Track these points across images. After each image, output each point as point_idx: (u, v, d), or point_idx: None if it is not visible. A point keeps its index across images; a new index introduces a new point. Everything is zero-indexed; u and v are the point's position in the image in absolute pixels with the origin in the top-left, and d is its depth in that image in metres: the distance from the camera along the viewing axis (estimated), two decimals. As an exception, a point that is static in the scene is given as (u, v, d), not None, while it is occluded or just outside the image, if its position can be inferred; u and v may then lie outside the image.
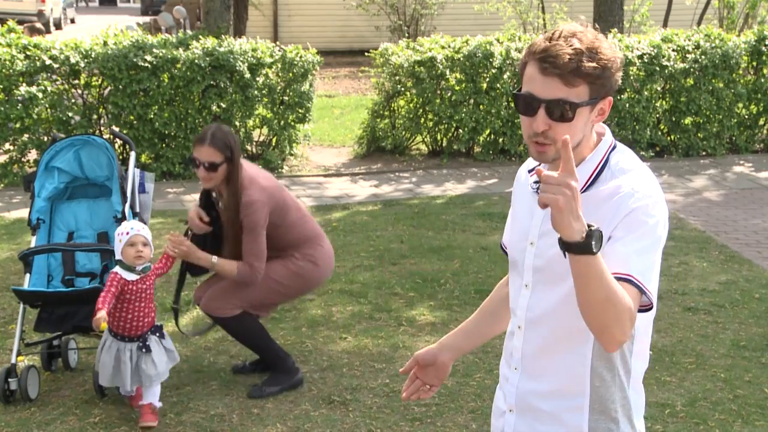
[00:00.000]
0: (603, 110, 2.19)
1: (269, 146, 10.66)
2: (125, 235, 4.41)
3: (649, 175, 2.22)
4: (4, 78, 9.34)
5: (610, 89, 2.15)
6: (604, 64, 2.11)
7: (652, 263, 2.12)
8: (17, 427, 4.49)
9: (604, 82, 2.13)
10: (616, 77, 2.15)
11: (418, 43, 11.38)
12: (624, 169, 2.20)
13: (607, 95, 2.16)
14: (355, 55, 20.86)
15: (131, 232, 4.41)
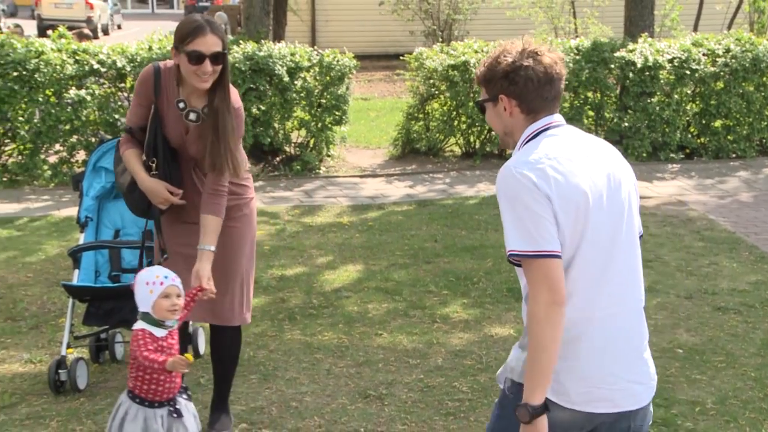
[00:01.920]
0: (505, 107, 2.73)
1: (307, 147, 10.83)
2: (158, 285, 3.64)
3: (521, 152, 2.68)
4: (55, 82, 9.61)
5: (501, 90, 2.71)
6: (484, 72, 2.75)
7: (510, 228, 2.59)
8: (67, 416, 4.63)
9: (492, 84, 2.73)
10: (501, 81, 2.69)
11: (452, 48, 11.49)
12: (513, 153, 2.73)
13: (501, 94, 2.71)
14: (390, 59, 20.98)
15: (166, 282, 3.66)
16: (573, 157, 2.64)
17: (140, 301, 3.67)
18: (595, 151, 2.74)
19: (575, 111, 11.30)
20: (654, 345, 5.57)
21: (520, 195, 2.56)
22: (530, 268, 2.57)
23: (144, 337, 3.62)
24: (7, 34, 10.26)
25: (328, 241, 7.83)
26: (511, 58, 2.70)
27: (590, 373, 2.65)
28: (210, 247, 3.98)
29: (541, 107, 2.72)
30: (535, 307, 2.55)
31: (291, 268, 7.04)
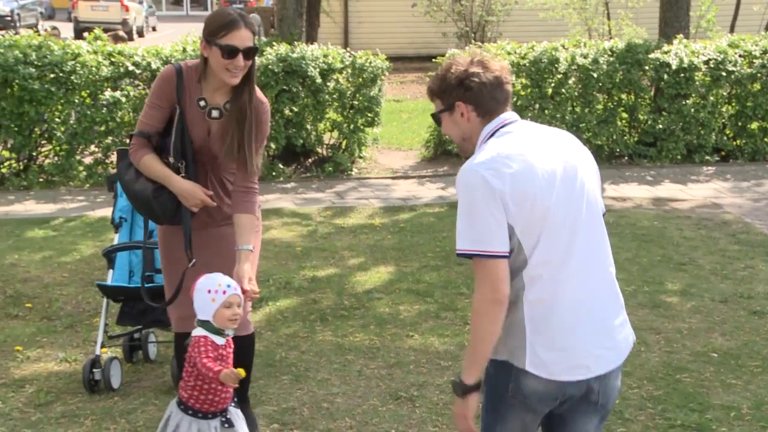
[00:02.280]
0: (462, 113, 2.91)
1: (339, 149, 10.85)
2: (221, 294, 3.53)
3: (477, 154, 2.85)
4: (91, 83, 9.72)
5: (457, 97, 2.89)
6: (438, 84, 2.95)
7: (460, 227, 2.78)
8: (101, 414, 4.67)
9: (447, 94, 2.92)
10: (457, 89, 2.89)
11: (485, 49, 11.46)
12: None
13: (457, 101, 2.90)
14: (422, 61, 20.97)
15: (228, 291, 3.55)
16: (525, 151, 2.82)
17: (200, 309, 3.55)
18: (549, 142, 2.92)
19: (609, 113, 11.23)
20: (688, 349, 5.55)
21: (473, 194, 2.76)
22: (476, 267, 2.79)
23: (206, 344, 3.51)
24: (45, 37, 10.38)
25: (359, 242, 7.84)
26: (462, 67, 2.92)
27: (565, 345, 2.83)
28: (248, 247, 3.87)
29: (495, 108, 2.92)
30: (477, 302, 2.80)
31: (322, 270, 7.06)
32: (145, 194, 3.96)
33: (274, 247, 7.51)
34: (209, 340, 3.51)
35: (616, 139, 11.29)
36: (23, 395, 4.90)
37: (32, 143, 9.80)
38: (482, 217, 2.74)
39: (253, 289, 3.74)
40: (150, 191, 3.95)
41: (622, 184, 10.30)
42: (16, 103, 9.43)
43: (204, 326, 3.54)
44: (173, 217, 3.99)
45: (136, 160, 3.97)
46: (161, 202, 3.95)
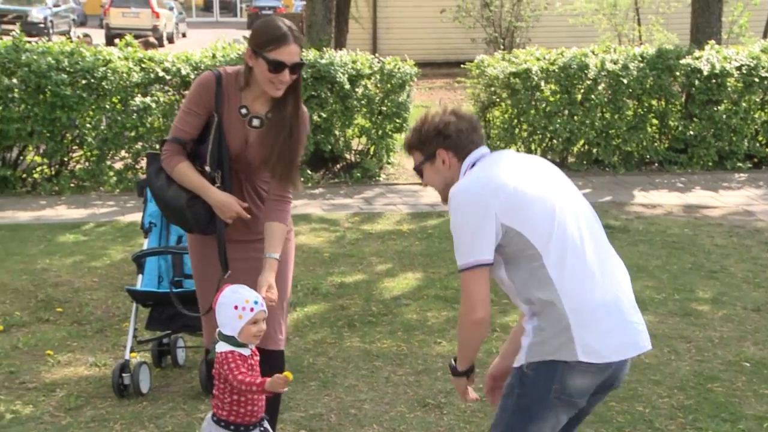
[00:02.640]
0: (444, 160, 3.18)
1: (367, 155, 10.86)
2: (249, 312, 3.44)
3: (450, 197, 3.08)
4: (122, 89, 9.79)
5: (438, 145, 3.17)
6: (417, 138, 3.23)
7: (457, 241, 3.02)
8: (130, 419, 4.69)
9: (427, 144, 3.19)
10: (436, 138, 3.16)
11: (514, 55, 11.45)
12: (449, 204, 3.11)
13: (438, 149, 3.17)
14: (451, 67, 20.96)
15: (256, 308, 3.46)
16: (508, 166, 3.09)
17: (225, 324, 3.45)
18: (527, 161, 3.20)
19: (639, 119, 11.16)
20: (719, 358, 5.49)
21: (463, 212, 3.01)
22: (461, 280, 3.05)
23: (235, 359, 3.41)
24: (77, 43, 10.48)
25: (387, 248, 7.84)
26: (437, 118, 3.19)
27: (610, 326, 3.02)
28: (276, 256, 3.80)
29: (472, 150, 3.17)
30: (461, 317, 3.10)
31: (350, 276, 7.06)
32: (179, 203, 3.87)
33: (302, 253, 7.52)
34: (236, 354, 3.43)
35: (646, 145, 11.22)
36: (54, 399, 4.93)
37: (64, 149, 9.89)
38: (470, 229, 2.98)
39: (269, 297, 3.66)
40: (184, 201, 3.85)
41: (652, 191, 10.23)
42: (49, 109, 9.52)
43: (228, 341, 3.45)
44: (206, 228, 3.91)
45: (170, 167, 3.87)
46: (195, 212, 3.86)
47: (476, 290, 3.01)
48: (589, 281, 3.00)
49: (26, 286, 6.69)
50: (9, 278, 6.83)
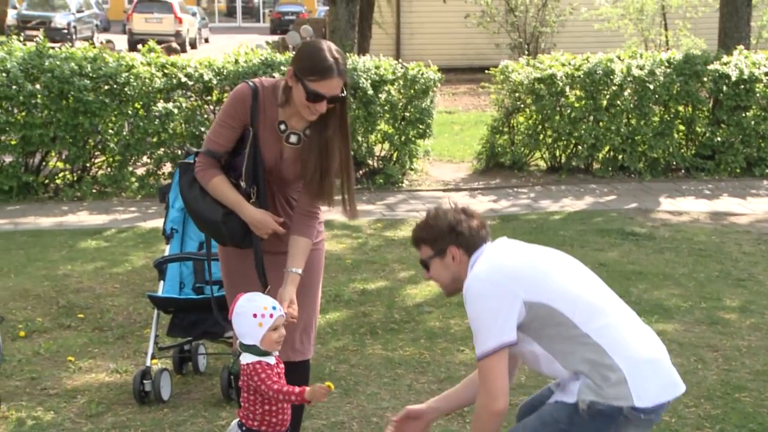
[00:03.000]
0: (454, 256, 3.30)
1: (390, 161, 10.83)
2: (269, 318, 3.42)
3: (466, 288, 3.19)
4: (144, 95, 9.81)
5: (449, 243, 3.29)
6: (428, 234, 3.35)
7: (477, 330, 3.12)
8: (151, 426, 4.68)
9: (439, 241, 3.31)
10: (449, 236, 3.29)
11: (538, 61, 11.40)
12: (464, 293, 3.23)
13: (450, 246, 3.30)
14: (475, 72, 20.90)
15: (275, 313, 3.45)
16: (514, 249, 3.27)
17: (245, 334, 3.41)
18: (526, 245, 3.36)
19: (665, 125, 11.07)
20: (747, 367, 5.40)
21: (483, 300, 3.12)
22: (479, 367, 3.16)
23: (265, 370, 3.38)
24: (100, 49, 10.52)
25: (410, 255, 7.78)
26: (450, 215, 3.35)
27: (657, 371, 3.15)
28: (298, 270, 3.80)
29: (481, 245, 3.31)
30: (478, 408, 3.17)
31: (373, 282, 7.02)
32: (214, 218, 3.84)
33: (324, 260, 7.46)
34: (264, 364, 3.40)
35: (672, 152, 11.12)
36: (75, 406, 4.93)
37: (86, 154, 9.92)
38: (489, 314, 3.08)
39: (291, 313, 3.62)
40: (219, 216, 3.82)
41: (678, 198, 10.13)
42: (71, 114, 9.56)
43: (250, 351, 3.42)
44: (241, 243, 3.88)
45: (205, 181, 3.83)
46: (230, 228, 3.83)
47: (499, 378, 3.09)
48: (624, 331, 3.15)
49: (48, 292, 6.70)
50: (31, 284, 6.85)
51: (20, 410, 4.83)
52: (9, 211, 9.27)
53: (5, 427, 4.65)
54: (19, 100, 9.41)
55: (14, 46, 10.00)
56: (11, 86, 9.38)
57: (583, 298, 3.14)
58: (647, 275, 7.16)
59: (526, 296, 3.08)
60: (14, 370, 5.34)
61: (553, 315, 3.08)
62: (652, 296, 6.68)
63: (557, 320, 3.07)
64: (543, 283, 3.12)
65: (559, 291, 3.12)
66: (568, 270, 3.24)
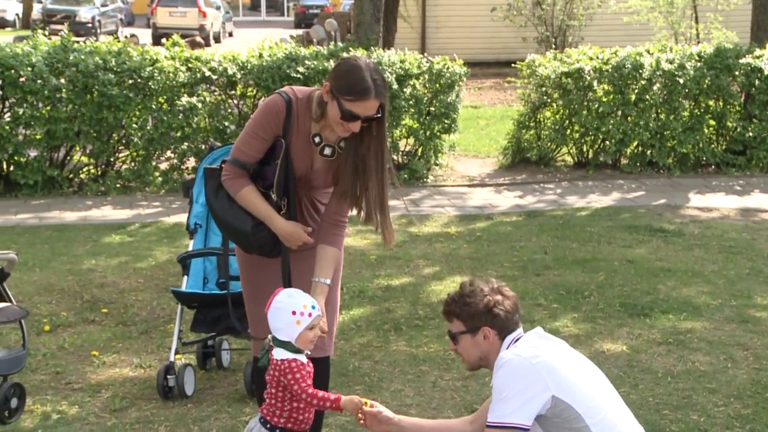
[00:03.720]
0: (486, 335, 3.34)
1: (415, 156, 10.77)
2: (307, 317, 3.38)
3: (507, 359, 3.25)
4: (168, 89, 9.81)
5: (484, 323, 3.33)
6: (463, 309, 3.37)
7: (500, 400, 3.20)
8: (175, 421, 4.68)
9: (474, 319, 3.35)
10: (485, 316, 3.33)
11: (566, 54, 11.30)
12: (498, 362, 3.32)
13: (484, 326, 3.34)
14: (501, 66, 20.80)
15: (314, 313, 3.42)
16: (556, 349, 3.33)
17: (281, 330, 3.38)
18: (560, 344, 3.42)
19: (695, 120, 10.94)
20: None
21: (516, 376, 3.19)
22: None
23: (300, 370, 3.34)
24: (125, 43, 10.53)
25: (435, 251, 7.74)
26: (487, 296, 3.36)
27: None
28: (327, 281, 3.77)
29: (513, 328, 3.37)
30: None
31: (397, 278, 6.98)
32: (243, 228, 3.81)
33: (348, 255, 7.44)
34: (299, 362, 3.36)
35: (702, 147, 10.98)
36: (99, 400, 4.94)
37: (110, 149, 9.93)
38: (523, 397, 3.16)
39: (322, 327, 3.57)
40: (249, 227, 3.79)
41: (708, 194, 10.00)
42: (96, 108, 9.57)
43: (284, 347, 3.38)
44: (270, 253, 3.86)
45: (234, 191, 3.79)
46: (260, 239, 3.80)
47: None
48: (621, 427, 3.27)
49: (72, 286, 6.71)
50: (55, 278, 6.86)
51: (45, 404, 4.86)
52: (34, 205, 9.31)
53: (31, 420, 4.67)
54: (44, 95, 9.43)
55: (39, 40, 10.04)
56: (36, 80, 9.41)
57: (600, 402, 3.25)
58: (676, 272, 7.07)
59: (557, 393, 3.17)
60: (39, 365, 5.36)
61: (574, 415, 3.18)
62: (681, 294, 6.59)
63: (574, 419, 3.18)
64: (573, 387, 3.21)
65: (584, 396, 3.22)
66: (589, 374, 3.34)
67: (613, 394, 3.37)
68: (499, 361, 3.26)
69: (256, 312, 3.93)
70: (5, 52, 9.49)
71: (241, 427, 4.57)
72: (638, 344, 5.68)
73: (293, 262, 3.87)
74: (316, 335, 3.42)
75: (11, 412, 4.66)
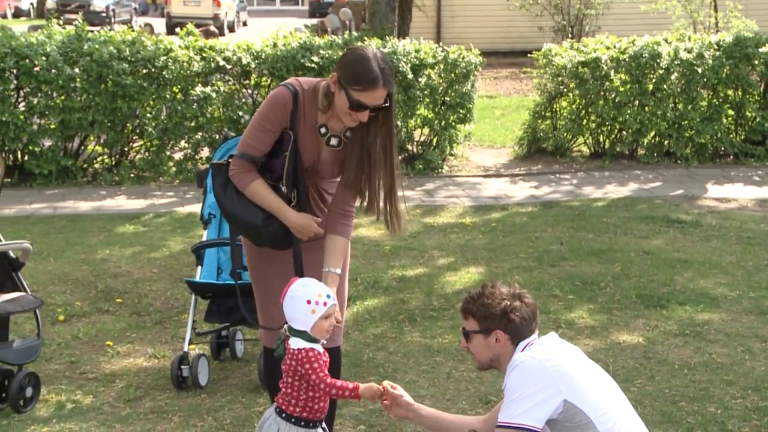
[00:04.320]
0: (498, 338, 3.34)
1: (430, 146, 10.73)
2: (322, 306, 3.38)
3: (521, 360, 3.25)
4: (182, 78, 9.80)
5: (497, 326, 3.32)
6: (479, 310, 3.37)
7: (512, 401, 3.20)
8: (188, 411, 4.68)
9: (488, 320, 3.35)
10: (500, 319, 3.32)
11: (583, 44, 11.23)
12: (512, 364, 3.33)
13: (497, 329, 3.33)
14: (517, 56, 20.71)
15: (329, 301, 3.41)
16: (563, 351, 3.33)
17: (297, 320, 3.38)
18: (574, 350, 3.42)
19: (714, 110, 10.85)
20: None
21: (530, 379, 3.19)
22: None
23: (318, 359, 3.34)
24: (139, 32, 10.51)
25: (449, 241, 7.71)
26: (506, 300, 3.35)
27: None
28: (337, 270, 3.78)
29: (527, 335, 3.36)
30: None
31: (411, 269, 6.95)
32: (253, 222, 3.79)
33: (363, 246, 7.43)
34: (316, 352, 3.36)
35: (720, 137, 10.90)
36: (113, 390, 4.96)
37: (124, 139, 9.94)
38: (535, 399, 3.16)
39: (337, 318, 3.56)
40: (260, 221, 3.78)
41: (726, 185, 9.93)
42: (110, 98, 9.57)
43: (300, 336, 3.38)
44: (281, 245, 3.86)
45: (243, 186, 3.78)
46: (271, 233, 3.80)
47: None
48: None
49: (86, 276, 6.72)
50: (70, 268, 6.88)
51: (60, 393, 4.87)
52: (48, 195, 9.33)
53: (45, 410, 4.69)
54: (58, 84, 9.44)
55: (54, 29, 10.04)
56: (51, 70, 9.42)
57: (610, 407, 3.26)
58: (693, 263, 7.01)
59: (569, 397, 3.18)
60: (54, 354, 5.39)
61: (585, 419, 3.18)
62: (698, 285, 6.54)
63: (587, 429, 3.18)
64: (585, 392, 3.22)
65: (596, 402, 3.22)
66: (601, 382, 3.35)
67: (625, 402, 3.38)
68: (513, 362, 3.28)
69: (266, 303, 3.93)
70: (20, 42, 9.51)
71: (255, 417, 4.57)
72: (655, 336, 5.64)
73: (303, 254, 3.86)
74: (331, 324, 3.42)
75: (26, 401, 4.69)
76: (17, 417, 4.59)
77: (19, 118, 9.39)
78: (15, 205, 8.85)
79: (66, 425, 4.52)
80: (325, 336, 3.42)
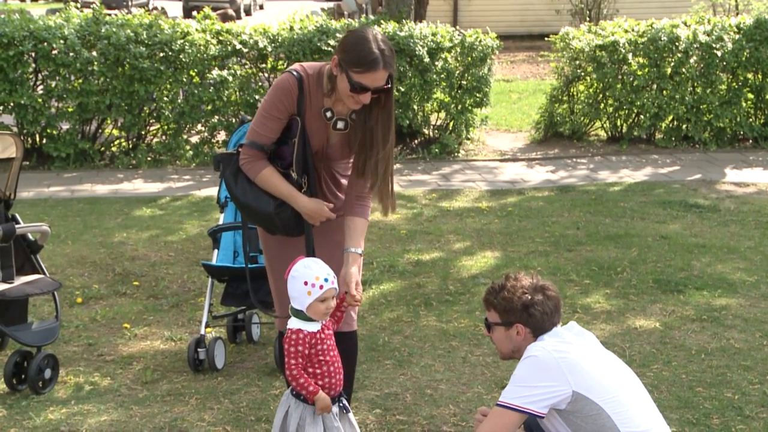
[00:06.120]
0: (519, 332, 3.37)
1: (446, 130, 10.71)
2: (318, 289, 3.42)
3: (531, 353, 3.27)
4: (199, 62, 9.80)
5: (518, 320, 3.34)
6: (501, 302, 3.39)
7: (514, 383, 3.25)
8: (205, 394, 4.69)
9: (510, 313, 3.37)
10: (520, 313, 3.33)
11: (600, 27, 11.16)
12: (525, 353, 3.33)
13: (518, 323, 3.36)
14: (534, 40, 20.61)
15: (325, 285, 3.43)
16: (576, 343, 3.32)
17: (295, 299, 3.46)
18: (587, 336, 3.42)
19: (733, 93, 10.76)
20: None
21: (537, 367, 3.21)
22: (497, 412, 3.27)
23: (297, 343, 3.42)
24: (156, 16, 10.52)
25: (465, 226, 7.70)
26: (528, 293, 3.34)
27: None
28: (358, 250, 3.79)
29: (549, 329, 3.35)
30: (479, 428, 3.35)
31: (427, 253, 6.94)
32: (266, 210, 3.80)
33: (379, 230, 7.43)
34: (302, 333, 3.43)
35: (740, 121, 10.82)
36: (131, 372, 4.97)
37: (141, 122, 9.96)
38: (539, 386, 3.19)
39: (357, 296, 3.63)
40: (272, 208, 3.79)
41: (745, 169, 9.86)
42: (127, 82, 9.59)
43: (298, 315, 3.47)
44: (294, 232, 3.87)
45: (254, 174, 3.79)
46: (284, 219, 3.81)
47: (502, 427, 3.26)
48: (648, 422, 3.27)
49: (104, 259, 6.75)
50: (87, 251, 6.90)
51: (78, 375, 4.90)
52: (66, 178, 9.37)
53: (64, 391, 4.72)
54: (76, 68, 9.47)
55: (71, 13, 10.06)
56: (68, 53, 9.44)
57: (622, 396, 3.25)
58: (711, 248, 6.97)
59: (578, 388, 3.18)
60: (72, 336, 5.41)
61: (596, 409, 3.18)
62: (716, 270, 6.50)
63: (599, 418, 3.18)
64: (595, 381, 3.21)
65: (606, 392, 3.21)
66: (615, 372, 3.34)
67: (640, 390, 3.37)
68: (526, 351, 3.30)
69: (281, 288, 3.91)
70: (38, 25, 9.53)
71: (271, 400, 4.59)
72: (671, 321, 5.62)
73: (315, 237, 3.87)
74: (328, 308, 3.45)
75: (45, 383, 4.71)
76: (36, 398, 4.62)
77: (37, 101, 9.43)
78: (33, 188, 8.89)
79: (84, 407, 4.55)
80: (323, 318, 3.47)
